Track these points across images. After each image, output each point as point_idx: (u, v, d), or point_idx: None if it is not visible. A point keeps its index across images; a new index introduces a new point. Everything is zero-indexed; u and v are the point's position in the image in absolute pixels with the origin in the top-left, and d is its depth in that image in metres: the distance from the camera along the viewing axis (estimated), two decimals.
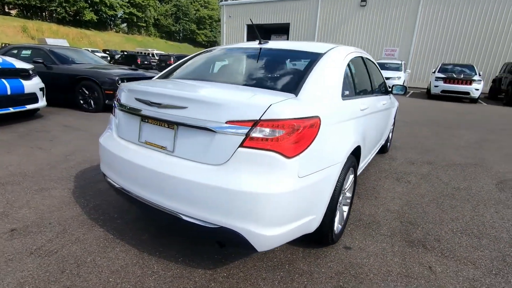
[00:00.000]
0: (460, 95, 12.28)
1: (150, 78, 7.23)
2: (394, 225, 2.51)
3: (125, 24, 59.73)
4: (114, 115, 2.03)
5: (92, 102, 6.49)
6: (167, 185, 1.56)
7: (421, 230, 2.47)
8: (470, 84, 11.96)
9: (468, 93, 12.03)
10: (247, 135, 1.42)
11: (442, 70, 13.44)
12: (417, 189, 3.30)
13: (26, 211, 2.40)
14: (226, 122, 1.45)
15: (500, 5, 15.12)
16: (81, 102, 6.54)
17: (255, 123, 1.41)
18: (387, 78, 12.72)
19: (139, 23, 59.50)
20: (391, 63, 15.28)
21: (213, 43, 69.93)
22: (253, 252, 2.02)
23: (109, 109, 6.74)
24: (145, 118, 1.73)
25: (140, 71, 7.39)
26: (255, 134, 1.41)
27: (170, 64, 22.32)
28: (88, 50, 9.37)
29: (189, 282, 1.73)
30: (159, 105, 1.62)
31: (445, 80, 12.39)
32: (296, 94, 1.67)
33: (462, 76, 12.32)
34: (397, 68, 14.96)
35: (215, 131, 1.47)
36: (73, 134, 4.69)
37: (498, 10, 15.25)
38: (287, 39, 23.13)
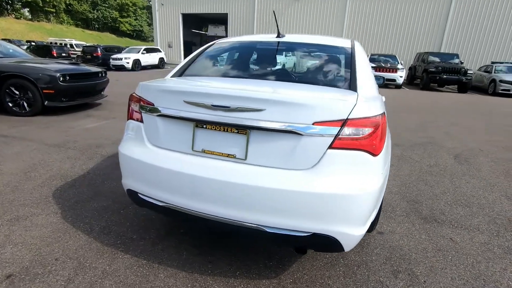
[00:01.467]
0: (388, 82, 13.93)
1: (98, 73, 6.34)
2: (404, 206, 2.75)
3: (27, 9, 50.63)
4: (140, 121, 1.71)
5: (25, 104, 5.40)
6: (245, 196, 1.41)
7: (426, 206, 2.76)
8: (396, 72, 13.66)
9: (394, 80, 13.72)
10: (336, 135, 1.36)
11: (371, 59, 14.99)
12: (402, 170, 3.66)
13: (12, 249, 1.90)
14: (313, 124, 1.36)
15: (413, 3, 17.42)
16: (10, 105, 5.38)
17: (344, 123, 1.36)
18: None
19: (46, 9, 51.09)
20: None
21: (139, 32, 64.46)
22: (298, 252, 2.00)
23: (49, 111, 5.72)
24: (201, 124, 1.50)
25: (84, 66, 6.42)
26: (344, 134, 1.36)
27: (97, 57, 19.94)
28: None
29: None
30: (226, 108, 1.42)
31: (376, 69, 13.86)
32: (355, 90, 1.67)
33: (389, 65, 13.97)
34: None
35: (301, 134, 1.37)
36: (18, 145, 3.84)
37: (412, 7, 17.56)
38: (226, 29, 22.78)
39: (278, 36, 2.30)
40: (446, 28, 17.03)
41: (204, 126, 1.50)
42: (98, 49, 19.79)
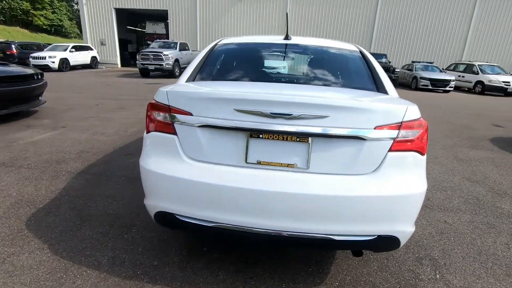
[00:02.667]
0: None
1: (34, 75, 5.42)
2: None
3: None
4: (172, 133, 1.50)
5: None
6: (311, 206, 1.35)
7: None
8: None
9: None
10: (394, 138, 1.40)
11: None
12: None
13: None
14: (374, 128, 1.38)
15: (346, 9, 18.96)
16: None
17: (399, 126, 1.41)
18: None
19: None
20: None
21: (58, 27, 56.89)
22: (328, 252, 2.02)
23: None
24: (257, 133, 1.39)
25: (16, 67, 5.40)
26: (401, 136, 1.41)
27: (12, 55, 17.04)
28: None
29: None
30: (287, 116, 1.34)
31: None
32: (386, 93, 1.75)
33: None
34: None
35: (364, 139, 1.37)
36: None
37: (344, 12, 19.10)
38: (166, 27, 21.66)
39: (286, 38, 2.26)
40: (374, 31, 19.04)
41: (260, 135, 1.40)
42: (12, 46, 16.96)
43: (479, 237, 2.34)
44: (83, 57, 17.90)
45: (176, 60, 14.54)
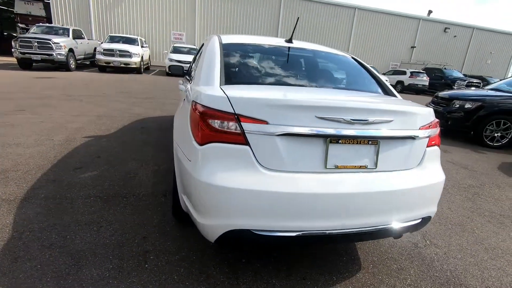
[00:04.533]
0: None
1: None
2: None
3: None
4: (244, 144, 1.38)
5: None
6: (382, 202, 1.50)
7: None
8: None
9: None
10: (429, 136, 1.69)
11: None
12: None
13: None
14: (419, 128, 1.63)
15: (251, 8, 19.79)
16: None
17: (430, 125, 1.71)
18: (186, 62, 12.62)
19: None
20: (183, 47, 15.88)
21: None
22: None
23: None
24: (336, 139, 1.43)
25: None
26: (431, 134, 1.71)
27: None
28: None
29: None
30: (364, 121, 1.43)
31: None
32: (395, 96, 2.05)
33: None
34: (189, 52, 15.90)
35: (414, 138, 1.60)
36: None
37: (251, 11, 19.91)
38: (44, 7, 17.89)
39: (289, 41, 2.32)
40: (278, 31, 20.67)
41: (339, 141, 1.45)
42: None
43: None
44: None
45: (71, 50, 12.24)
